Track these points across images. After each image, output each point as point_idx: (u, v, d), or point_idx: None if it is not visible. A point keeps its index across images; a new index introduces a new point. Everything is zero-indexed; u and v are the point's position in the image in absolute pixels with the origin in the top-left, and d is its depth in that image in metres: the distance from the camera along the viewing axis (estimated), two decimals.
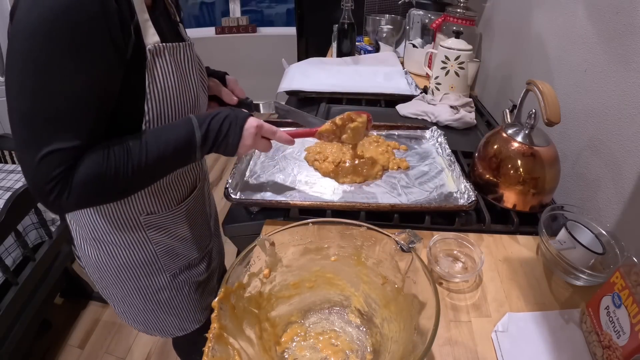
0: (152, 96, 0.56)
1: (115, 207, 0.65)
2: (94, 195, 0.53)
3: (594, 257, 0.57)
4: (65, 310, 1.65)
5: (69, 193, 0.50)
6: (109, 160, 0.52)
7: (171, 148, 0.56)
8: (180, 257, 0.77)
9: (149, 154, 0.55)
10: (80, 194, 0.51)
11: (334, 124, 0.71)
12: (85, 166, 0.50)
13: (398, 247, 0.47)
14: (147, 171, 0.56)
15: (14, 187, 1.30)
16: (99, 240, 0.69)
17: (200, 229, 0.81)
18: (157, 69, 0.56)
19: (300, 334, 0.51)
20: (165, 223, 0.71)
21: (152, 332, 0.86)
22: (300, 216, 0.70)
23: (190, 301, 0.83)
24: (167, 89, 0.58)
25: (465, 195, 0.70)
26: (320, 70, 1.37)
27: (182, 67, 0.61)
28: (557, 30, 0.84)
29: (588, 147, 0.72)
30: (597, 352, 0.48)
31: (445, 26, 1.31)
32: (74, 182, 0.50)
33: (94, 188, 0.52)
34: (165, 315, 0.82)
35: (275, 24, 3.79)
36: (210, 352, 0.37)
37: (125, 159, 0.53)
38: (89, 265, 0.74)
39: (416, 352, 0.38)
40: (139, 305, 0.78)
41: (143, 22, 0.54)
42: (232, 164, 0.78)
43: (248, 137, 0.61)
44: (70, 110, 0.48)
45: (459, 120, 1.04)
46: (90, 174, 0.50)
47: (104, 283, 0.76)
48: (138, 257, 0.71)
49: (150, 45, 0.54)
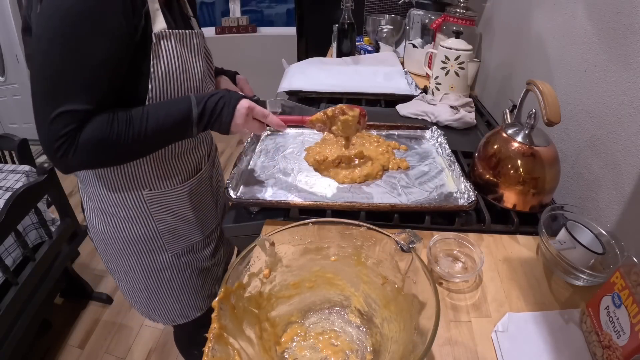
0: (155, 76, 0.62)
1: (120, 180, 0.69)
2: (96, 156, 0.59)
3: (594, 257, 0.57)
4: (65, 310, 1.65)
5: (74, 151, 0.55)
6: (112, 125, 0.57)
7: (170, 121, 0.61)
8: (183, 237, 0.80)
9: (149, 124, 0.60)
10: (84, 153, 0.56)
11: (325, 114, 0.73)
12: (92, 128, 0.56)
13: (398, 247, 0.47)
14: (146, 140, 0.61)
15: (14, 187, 1.30)
16: (105, 212, 0.74)
17: (205, 213, 0.84)
18: (162, 51, 0.61)
19: (300, 334, 0.51)
20: (167, 201, 0.75)
21: (154, 317, 0.89)
22: (300, 216, 0.70)
23: (193, 286, 0.86)
24: (171, 71, 0.63)
25: (465, 195, 0.70)
26: (320, 70, 1.37)
27: (187, 53, 0.66)
28: (557, 30, 0.84)
29: (588, 147, 0.72)
30: (597, 352, 0.48)
31: (445, 26, 1.31)
32: (80, 142, 0.55)
33: (97, 149, 0.57)
34: (167, 298, 0.85)
35: (275, 24, 3.79)
36: (210, 352, 0.37)
37: (127, 127, 0.58)
38: (96, 237, 0.79)
39: (416, 352, 0.38)
40: (141, 283, 0.82)
41: (153, 11, 0.60)
42: (232, 164, 0.79)
43: (239, 116, 0.64)
44: (86, 77, 0.55)
45: (459, 120, 1.04)
46: (94, 137, 0.56)
47: (109, 256, 0.80)
48: (140, 232, 0.75)
49: (157, 30, 0.60)
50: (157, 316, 0.88)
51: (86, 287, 1.68)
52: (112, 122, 0.57)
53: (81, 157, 0.56)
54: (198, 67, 0.68)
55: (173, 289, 0.84)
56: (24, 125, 3.10)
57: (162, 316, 0.88)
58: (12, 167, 1.43)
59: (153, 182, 0.72)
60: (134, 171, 0.69)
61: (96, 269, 1.87)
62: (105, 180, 0.70)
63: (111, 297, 1.71)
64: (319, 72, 1.36)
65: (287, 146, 0.88)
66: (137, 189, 0.71)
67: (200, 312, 0.90)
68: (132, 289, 0.84)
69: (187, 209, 0.78)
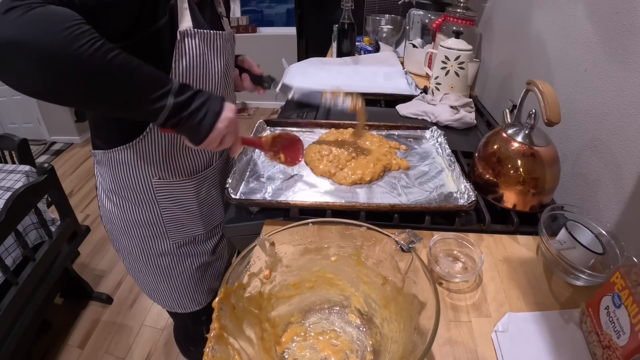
0: (175, 72, 0.62)
1: (133, 166, 0.71)
2: (34, 42, 0.42)
3: (594, 257, 0.57)
4: (65, 310, 1.66)
5: (20, 15, 0.42)
6: (79, 26, 0.44)
7: (146, 71, 0.51)
8: (185, 228, 0.82)
9: (117, 58, 0.47)
10: (26, 26, 0.42)
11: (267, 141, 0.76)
12: (56, 11, 0.44)
13: (398, 247, 0.47)
14: (105, 71, 0.47)
15: (14, 187, 1.30)
16: (115, 193, 0.76)
17: (211, 208, 0.85)
18: (186, 48, 0.61)
19: (301, 334, 0.51)
20: (173, 191, 0.77)
21: (153, 298, 0.91)
22: (300, 216, 0.70)
23: (191, 277, 0.87)
24: (190, 68, 0.63)
25: (465, 195, 0.70)
26: (320, 70, 1.37)
27: (209, 53, 0.66)
28: (557, 30, 0.84)
29: (588, 147, 0.72)
30: (597, 352, 0.48)
31: (445, 26, 1.31)
32: (33, 12, 0.43)
33: (42, 33, 0.43)
34: (165, 285, 0.87)
35: (275, 24, 3.79)
36: (210, 352, 0.37)
37: (92, 41, 0.45)
38: (104, 215, 0.83)
39: (416, 352, 0.38)
40: (141, 264, 0.84)
41: (181, 9, 0.60)
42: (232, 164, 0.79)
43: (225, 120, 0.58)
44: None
45: (459, 121, 1.04)
46: (50, 18, 0.43)
47: (114, 235, 0.83)
48: (145, 216, 0.78)
49: (182, 29, 0.60)
50: (155, 298, 0.91)
51: (86, 287, 1.68)
52: (81, 24, 0.45)
53: (19, 29, 0.42)
54: (218, 67, 0.68)
55: (172, 277, 0.86)
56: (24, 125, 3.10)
57: (160, 300, 0.91)
58: (12, 167, 1.43)
59: (163, 172, 0.73)
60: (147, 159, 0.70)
61: (96, 269, 1.87)
62: (118, 162, 0.71)
63: (111, 297, 1.71)
64: (319, 72, 1.36)
65: None
66: (147, 176, 0.73)
67: (198, 306, 0.92)
68: (134, 269, 0.87)
69: (192, 202, 0.80)
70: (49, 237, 1.30)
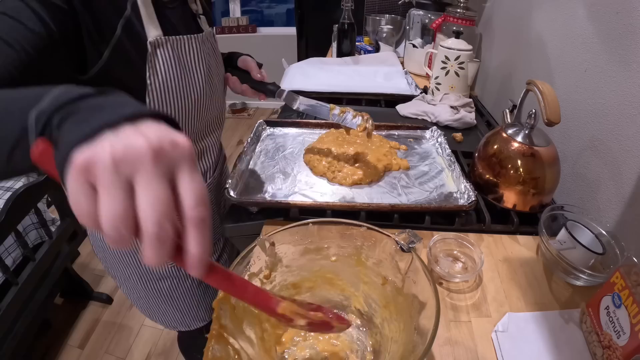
0: (152, 88, 0.57)
1: None
2: None
3: (594, 257, 0.57)
4: (65, 310, 1.66)
5: None
6: None
7: None
8: None
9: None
10: None
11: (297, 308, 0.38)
12: None
13: (398, 247, 0.47)
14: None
15: (14, 187, 1.30)
16: None
17: None
18: (159, 61, 0.56)
19: (301, 334, 0.51)
20: None
21: (155, 320, 0.87)
22: (300, 216, 0.70)
23: (193, 296, 0.84)
24: (169, 81, 0.58)
25: (465, 195, 0.70)
26: (320, 71, 1.37)
27: (185, 61, 0.61)
28: (557, 30, 0.84)
29: (588, 147, 0.72)
30: (597, 352, 0.48)
31: (445, 26, 1.31)
32: None
33: None
34: (167, 307, 0.83)
35: (275, 24, 3.79)
36: (210, 352, 0.37)
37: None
38: (95, 245, 0.77)
39: (416, 352, 0.38)
40: (140, 291, 0.80)
41: (145, 16, 0.54)
42: (232, 164, 0.78)
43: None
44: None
45: (459, 121, 1.04)
46: None
47: (109, 262, 0.78)
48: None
49: (151, 38, 0.55)
50: (158, 320, 0.87)
51: (86, 287, 1.68)
52: None
53: None
54: (198, 75, 0.63)
55: (173, 298, 0.82)
56: None
57: (162, 321, 0.87)
58: None
59: None
60: None
61: (96, 269, 1.87)
62: None
63: (111, 297, 1.71)
64: (319, 72, 1.36)
65: (287, 146, 0.88)
66: None
67: (202, 322, 0.89)
68: (132, 294, 0.83)
69: None
70: (49, 237, 1.30)
